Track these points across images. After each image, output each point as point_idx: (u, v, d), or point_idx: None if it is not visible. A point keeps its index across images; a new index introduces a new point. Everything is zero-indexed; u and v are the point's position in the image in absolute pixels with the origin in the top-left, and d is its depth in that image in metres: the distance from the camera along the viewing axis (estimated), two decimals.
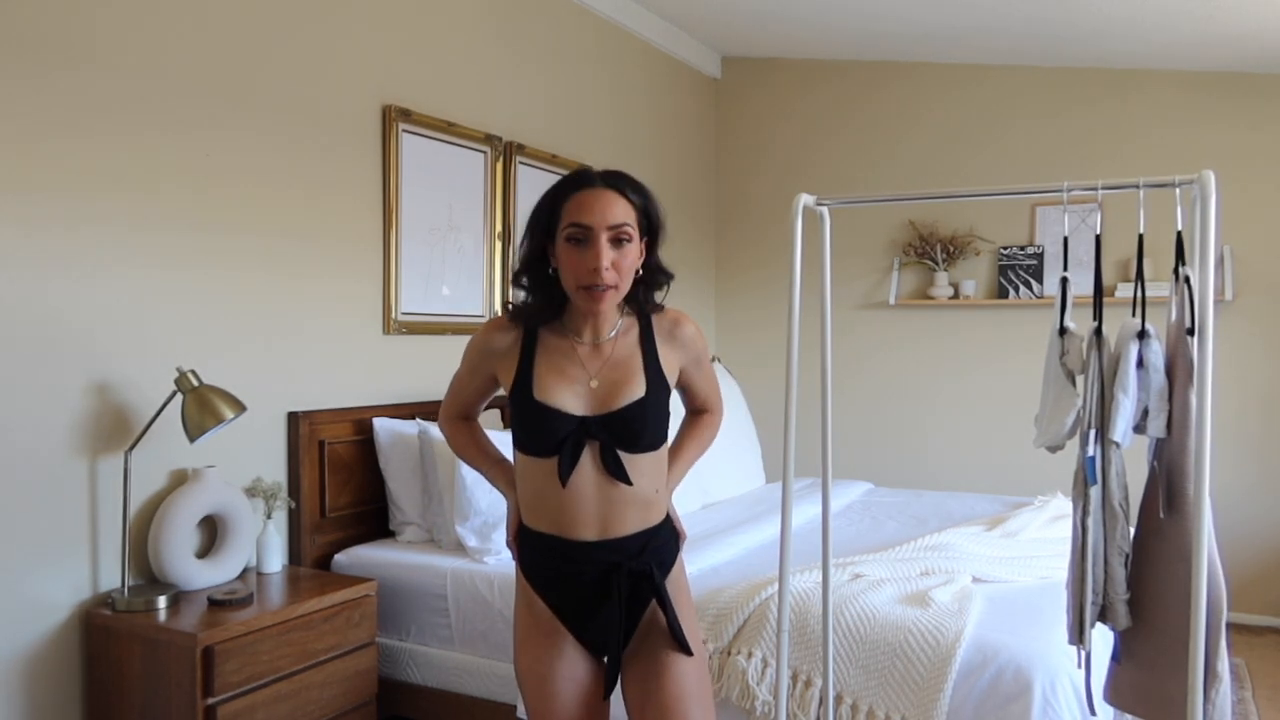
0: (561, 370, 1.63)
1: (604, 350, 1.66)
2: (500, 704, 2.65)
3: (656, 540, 1.67)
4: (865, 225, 4.74)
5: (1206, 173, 1.63)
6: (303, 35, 2.85)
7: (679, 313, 1.75)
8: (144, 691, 2.22)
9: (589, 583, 1.63)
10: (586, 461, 1.60)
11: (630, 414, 1.61)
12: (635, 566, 1.62)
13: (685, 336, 1.73)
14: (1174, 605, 1.69)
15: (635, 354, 1.66)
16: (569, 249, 1.58)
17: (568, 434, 1.59)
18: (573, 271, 1.58)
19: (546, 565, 1.66)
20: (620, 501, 1.62)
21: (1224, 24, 3.56)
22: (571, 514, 1.61)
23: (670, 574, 1.69)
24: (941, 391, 4.66)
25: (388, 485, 3.06)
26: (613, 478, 1.60)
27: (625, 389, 1.62)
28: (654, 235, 1.66)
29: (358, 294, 3.08)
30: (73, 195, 2.28)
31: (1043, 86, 4.41)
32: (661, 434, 1.67)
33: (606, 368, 1.64)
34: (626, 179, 1.62)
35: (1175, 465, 1.70)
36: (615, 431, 1.60)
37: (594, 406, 1.62)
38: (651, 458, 1.65)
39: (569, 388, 1.62)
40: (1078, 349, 1.77)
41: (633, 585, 1.63)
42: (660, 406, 1.66)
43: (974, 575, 2.60)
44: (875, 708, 2.17)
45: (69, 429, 2.29)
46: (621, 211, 1.58)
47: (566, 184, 1.62)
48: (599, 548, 1.62)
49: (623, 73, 4.42)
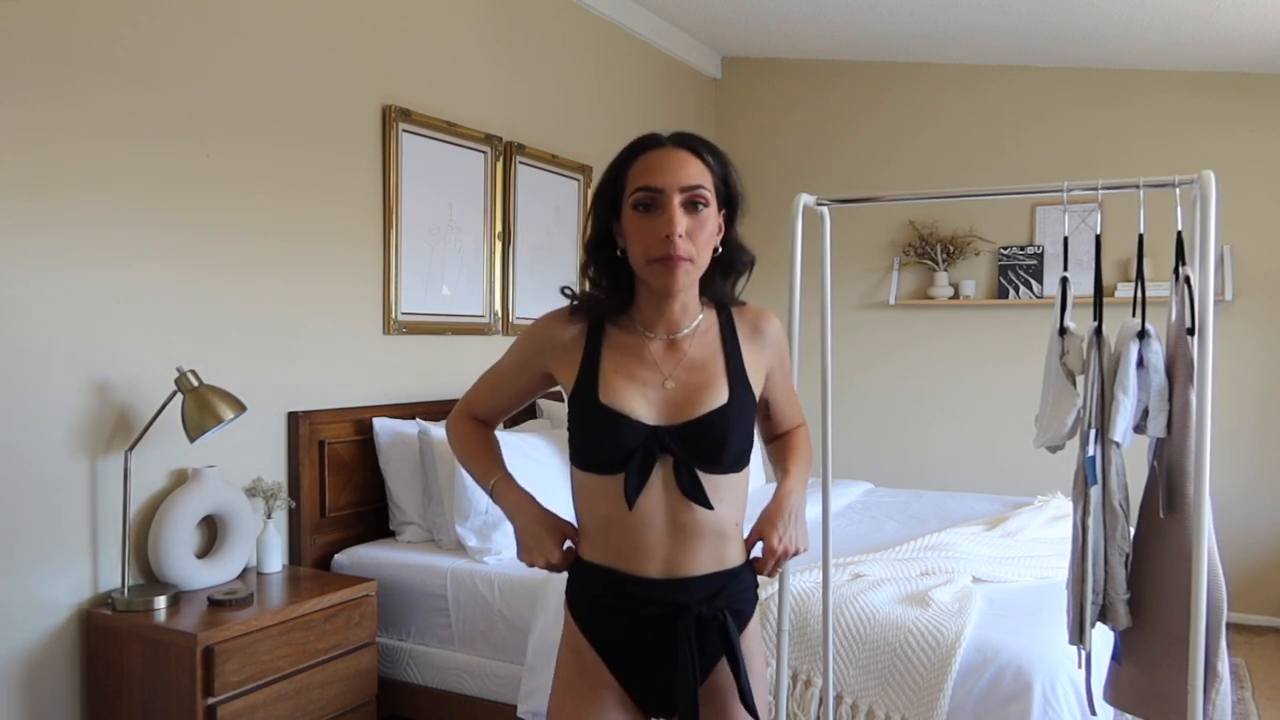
0: (631, 372, 1.39)
1: (680, 348, 1.42)
2: (500, 704, 2.65)
3: (735, 585, 1.41)
4: (865, 225, 4.74)
5: (1206, 173, 1.63)
6: (303, 35, 2.85)
7: (763, 309, 1.51)
8: (144, 691, 2.22)
9: (646, 626, 1.37)
10: (656, 481, 1.35)
11: (711, 423, 1.36)
12: (706, 612, 1.36)
13: (772, 335, 1.49)
14: (1174, 605, 1.69)
15: (717, 354, 1.43)
16: (637, 218, 1.35)
17: (636, 445, 1.34)
18: (642, 243, 1.34)
19: (598, 603, 1.41)
20: (693, 532, 1.36)
21: (1224, 24, 3.56)
22: (634, 543, 1.36)
23: (746, 629, 1.43)
24: (941, 391, 4.66)
25: (388, 485, 3.06)
26: (688, 500, 1.35)
27: (705, 394, 1.38)
28: (733, 208, 1.43)
29: (358, 294, 3.08)
30: (73, 195, 2.28)
31: (1043, 87, 4.42)
32: (746, 451, 1.41)
33: (683, 369, 1.40)
34: (702, 140, 1.40)
35: (1175, 465, 1.70)
36: (692, 444, 1.35)
37: (669, 414, 1.37)
38: (733, 480, 1.39)
39: (640, 391, 1.38)
40: (1078, 349, 1.77)
41: (700, 634, 1.37)
42: (746, 417, 1.41)
43: (974, 575, 2.60)
44: (875, 708, 2.17)
45: (69, 429, 2.29)
46: (696, 173, 1.35)
47: (633, 148, 1.39)
48: (662, 586, 1.37)
49: (623, 73, 4.42)
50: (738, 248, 1.45)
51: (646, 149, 1.38)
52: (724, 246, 1.43)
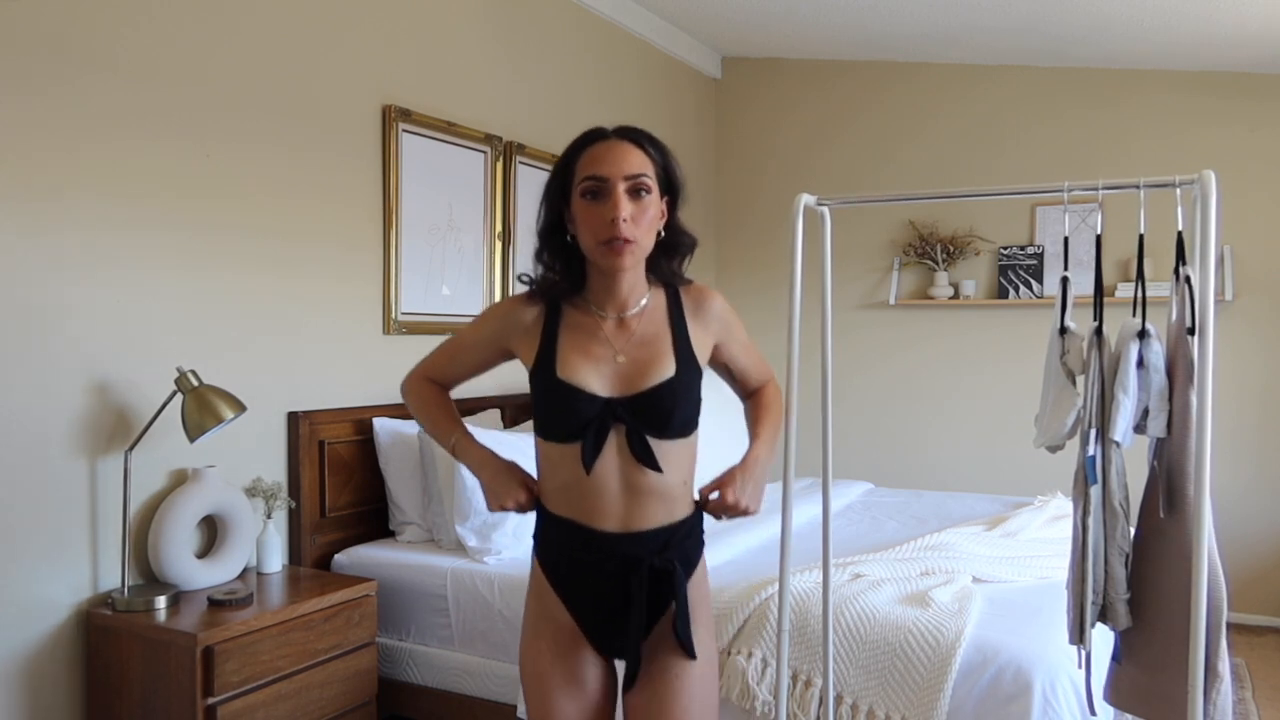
0: (585, 348, 1.53)
1: (630, 326, 1.55)
2: (500, 704, 2.65)
3: (680, 536, 1.56)
4: (865, 225, 4.74)
5: (1207, 173, 1.63)
6: (303, 35, 2.85)
7: (705, 286, 1.64)
8: (144, 691, 2.22)
9: (608, 576, 1.53)
10: (611, 447, 1.50)
11: (659, 394, 1.50)
12: (658, 563, 1.52)
13: (714, 310, 1.62)
14: (1174, 605, 1.69)
15: (664, 330, 1.56)
16: (585, 205, 1.48)
17: (592, 416, 1.48)
18: (590, 227, 1.47)
19: (564, 552, 1.56)
20: (645, 492, 1.51)
21: (1224, 24, 3.56)
22: (593, 503, 1.51)
23: (694, 575, 1.60)
24: (941, 391, 4.66)
25: (388, 485, 3.06)
26: (640, 464, 1.50)
27: (654, 368, 1.52)
28: (674, 195, 1.56)
29: (358, 294, 3.08)
30: (73, 195, 2.28)
31: (1043, 87, 4.42)
32: (693, 419, 1.56)
33: (633, 345, 1.54)
34: (644, 132, 1.53)
35: (1175, 465, 1.70)
36: (643, 414, 1.49)
37: (621, 387, 1.51)
38: (680, 445, 1.54)
39: (594, 366, 1.51)
40: (1078, 349, 1.77)
41: (653, 584, 1.52)
42: (692, 388, 1.54)
43: (974, 575, 2.60)
44: (875, 708, 2.17)
45: (69, 429, 2.29)
46: (638, 162, 1.48)
47: (580, 141, 1.52)
48: (620, 540, 1.52)
49: (623, 73, 4.42)
50: (680, 231, 1.59)
51: (592, 141, 1.50)
52: (667, 230, 1.56)
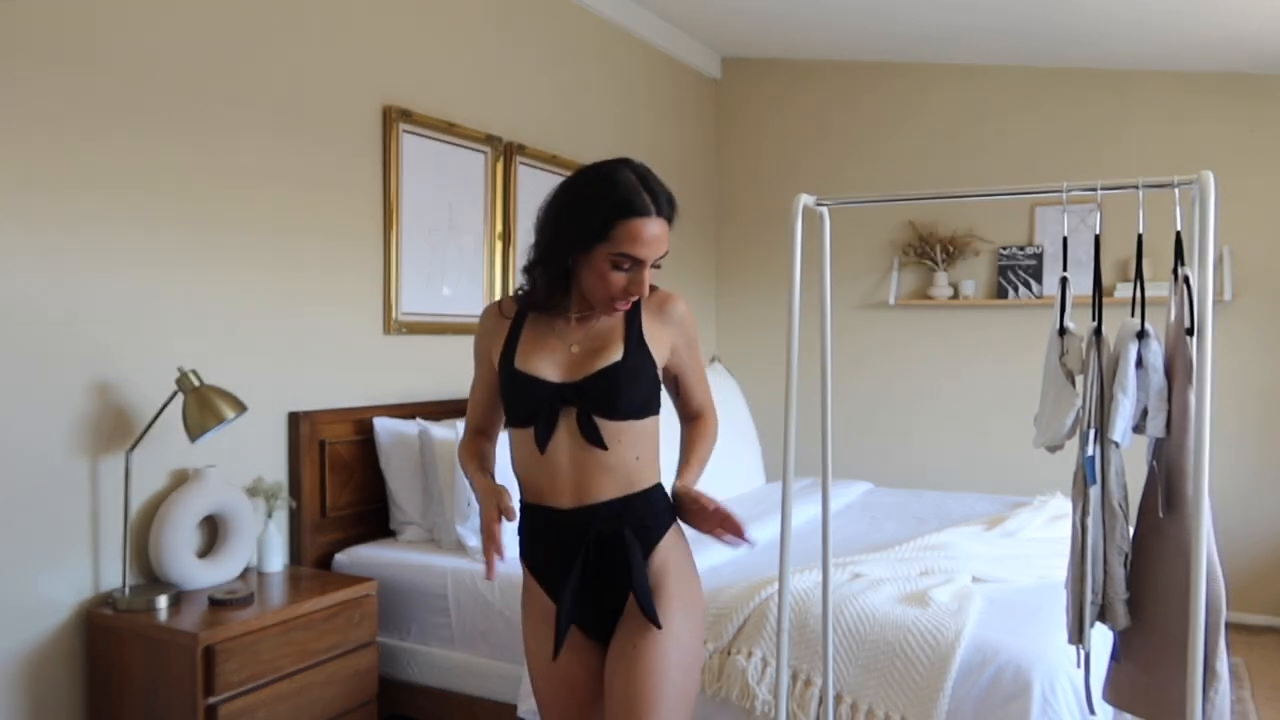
0: (543, 341, 1.66)
1: (588, 322, 1.67)
2: (501, 704, 2.65)
3: (638, 505, 1.64)
4: (865, 225, 4.74)
5: (1205, 173, 1.63)
6: (303, 35, 2.85)
7: (671, 293, 1.73)
8: (145, 691, 2.23)
9: (564, 546, 1.63)
10: (563, 428, 1.60)
11: (604, 377, 1.60)
12: (604, 529, 1.61)
13: (677, 314, 1.71)
14: (1173, 605, 1.70)
15: (618, 325, 1.66)
16: (608, 269, 1.57)
17: (544, 400, 1.60)
18: (607, 288, 1.58)
19: (534, 533, 1.68)
20: (596, 467, 1.60)
21: (1224, 24, 3.56)
22: (549, 480, 1.62)
23: (661, 543, 1.66)
24: (941, 391, 4.66)
25: (388, 485, 3.06)
26: (588, 443, 1.59)
27: (602, 355, 1.62)
28: None
29: (358, 294, 3.08)
30: (73, 195, 2.28)
31: (1042, 86, 4.42)
32: (648, 402, 1.65)
33: (587, 337, 1.65)
34: (675, 205, 1.61)
35: (1174, 465, 1.70)
36: (590, 396, 1.59)
37: (570, 373, 1.62)
38: (634, 425, 1.63)
39: (548, 356, 1.64)
40: (1077, 349, 1.77)
41: (608, 553, 1.61)
42: (639, 372, 1.63)
43: (973, 575, 2.60)
44: (875, 707, 2.18)
45: (70, 429, 2.29)
46: (666, 240, 1.59)
47: (623, 206, 1.54)
48: (573, 513, 1.62)
49: (623, 73, 4.42)
50: None
51: (637, 214, 1.53)
52: None
